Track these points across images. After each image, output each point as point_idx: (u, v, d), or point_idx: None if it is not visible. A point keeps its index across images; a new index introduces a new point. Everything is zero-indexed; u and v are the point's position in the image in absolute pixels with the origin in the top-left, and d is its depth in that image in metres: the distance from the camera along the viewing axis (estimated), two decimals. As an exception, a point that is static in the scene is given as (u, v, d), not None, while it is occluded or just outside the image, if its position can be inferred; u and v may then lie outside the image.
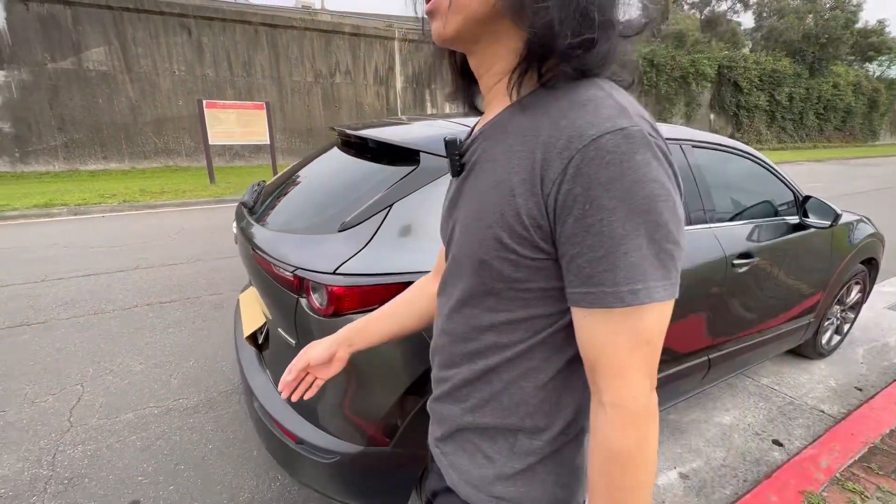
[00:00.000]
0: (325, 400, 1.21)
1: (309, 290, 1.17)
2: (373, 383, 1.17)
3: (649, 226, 0.43)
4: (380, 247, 1.18)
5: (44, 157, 10.86)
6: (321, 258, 1.17)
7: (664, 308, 0.47)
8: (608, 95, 0.47)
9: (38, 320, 3.02)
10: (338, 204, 1.35)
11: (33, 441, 1.95)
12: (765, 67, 21.80)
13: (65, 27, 10.64)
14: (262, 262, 1.31)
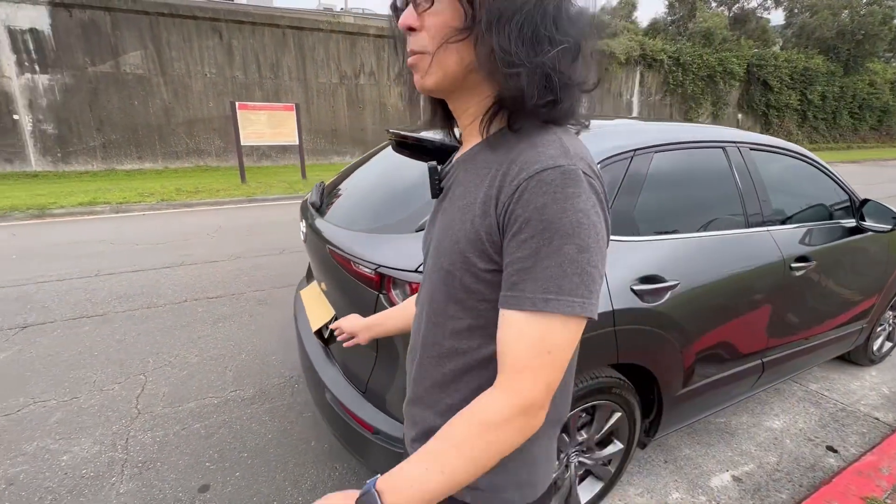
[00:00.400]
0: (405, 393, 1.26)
1: (390, 286, 1.22)
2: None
3: (571, 247, 0.51)
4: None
5: (83, 157, 11.32)
6: (402, 257, 1.22)
7: (572, 324, 0.52)
8: (558, 139, 0.56)
9: (97, 313, 3.18)
10: (409, 205, 1.40)
11: (106, 426, 2.07)
12: (796, 65, 21.16)
13: (104, 32, 11.08)
14: (340, 259, 1.37)
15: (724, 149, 1.74)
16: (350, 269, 1.32)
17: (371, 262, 1.24)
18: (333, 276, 1.51)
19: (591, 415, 1.51)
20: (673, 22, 20.88)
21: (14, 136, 10.55)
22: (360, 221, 1.49)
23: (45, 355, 2.63)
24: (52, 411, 2.16)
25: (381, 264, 1.21)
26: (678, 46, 19.06)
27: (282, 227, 5.74)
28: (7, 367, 2.50)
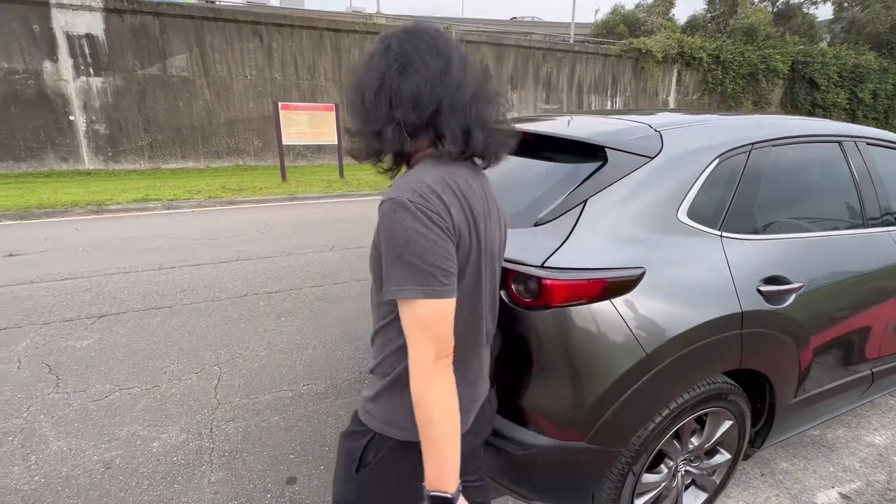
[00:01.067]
0: (521, 391, 1.23)
1: (510, 280, 1.19)
2: (575, 375, 1.17)
3: (405, 254, 0.70)
4: (580, 242, 1.18)
5: (132, 156, 11.81)
6: (524, 251, 1.18)
7: (431, 304, 0.70)
8: (418, 174, 0.77)
9: (165, 304, 3.28)
10: (522, 199, 1.36)
11: (189, 415, 2.11)
12: (845, 62, 20.14)
13: (153, 36, 11.53)
14: None
15: (841, 143, 1.64)
16: None
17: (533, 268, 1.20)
18: None
19: (702, 423, 1.44)
20: (713, 18, 20.20)
21: (70, 136, 11.11)
22: None
23: (123, 344, 2.72)
24: (137, 399, 2.22)
25: (505, 258, 1.18)
26: (718, 44, 18.41)
27: (326, 225, 5.82)
28: (91, 354, 2.60)
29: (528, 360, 1.20)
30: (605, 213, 1.22)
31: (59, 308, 3.20)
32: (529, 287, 1.16)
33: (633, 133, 1.38)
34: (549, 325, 1.15)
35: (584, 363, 1.16)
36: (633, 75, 17.96)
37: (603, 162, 1.30)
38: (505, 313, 1.21)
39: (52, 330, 2.88)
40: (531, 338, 1.18)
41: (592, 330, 1.14)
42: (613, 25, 19.26)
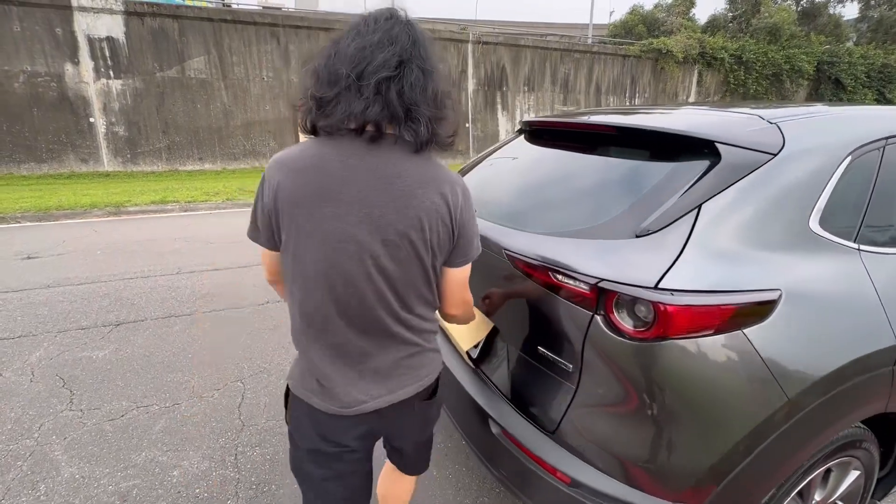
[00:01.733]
0: (619, 438, 1.01)
1: (611, 305, 0.97)
2: (699, 424, 0.95)
3: None
4: (697, 258, 0.96)
5: (150, 158, 11.85)
6: (627, 268, 0.97)
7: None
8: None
9: (184, 312, 3.12)
10: (610, 204, 1.15)
11: (212, 438, 1.93)
12: (873, 62, 19.51)
13: (172, 38, 11.57)
14: (527, 267, 1.14)
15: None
16: (547, 281, 1.08)
17: (589, 273, 0.99)
18: (503, 286, 1.27)
19: (827, 474, 1.20)
20: (734, 18, 19.73)
21: (90, 138, 11.17)
22: (539, 223, 1.25)
23: (140, 355, 2.56)
24: (156, 418, 2.05)
25: (604, 277, 0.96)
26: (741, 44, 17.95)
27: (347, 229, 5.65)
28: (107, 366, 2.44)
29: (632, 403, 0.98)
30: (723, 221, 1.00)
31: (76, 315, 3.06)
32: (639, 313, 0.94)
33: (745, 125, 1.15)
34: (666, 362, 0.93)
35: (712, 409, 0.93)
36: (652, 76, 17.59)
37: (713, 160, 1.08)
38: (600, 345, 1.00)
39: (67, 339, 2.74)
40: (638, 376, 0.96)
41: (722, 367, 0.92)
42: (632, 26, 18.92)
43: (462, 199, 0.85)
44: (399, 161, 0.80)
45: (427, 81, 0.79)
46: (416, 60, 0.78)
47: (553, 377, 1.13)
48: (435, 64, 0.81)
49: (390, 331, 0.87)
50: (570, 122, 1.49)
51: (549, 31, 24.34)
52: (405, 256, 0.82)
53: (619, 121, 1.35)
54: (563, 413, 1.09)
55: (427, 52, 0.80)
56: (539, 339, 1.16)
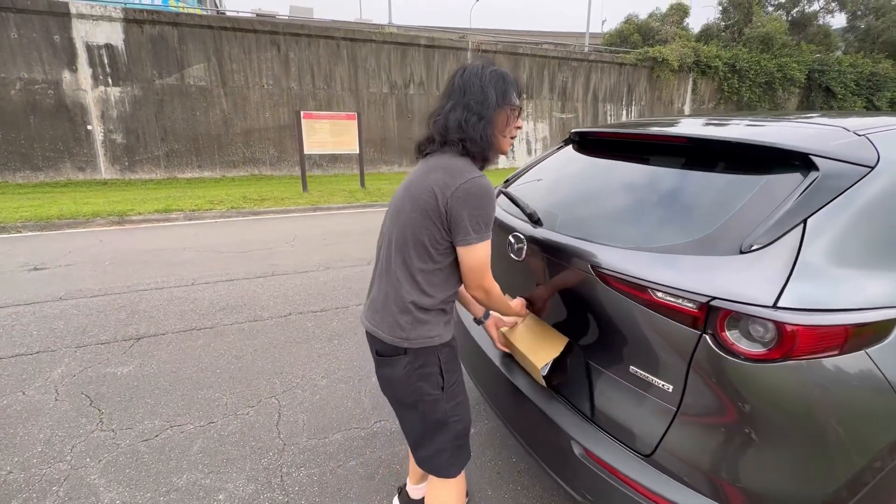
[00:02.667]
0: (735, 463, 0.96)
1: (723, 326, 0.94)
2: (822, 449, 0.91)
3: None
4: (810, 274, 0.93)
5: (148, 166, 11.71)
6: (737, 285, 0.93)
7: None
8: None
9: (206, 325, 3.04)
10: (700, 218, 1.12)
11: (254, 459, 1.86)
12: (862, 71, 19.92)
13: (171, 46, 11.49)
14: (623, 286, 1.10)
15: None
16: (647, 299, 1.04)
17: (698, 292, 0.95)
18: (587, 303, 1.23)
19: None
20: (727, 27, 20.08)
21: (87, 146, 11.02)
22: (623, 238, 1.21)
23: (167, 371, 2.48)
24: (192, 438, 1.97)
25: (717, 296, 0.93)
26: (734, 52, 18.27)
27: (358, 237, 5.59)
28: (133, 383, 2.36)
29: (747, 426, 0.94)
30: (831, 236, 0.97)
31: (93, 329, 2.96)
32: (755, 333, 0.90)
33: (833, 138, 1.13)
34: (787, 383, 0.89)
35: (836, 432, 0.90)
36: (648, 84, 17.81)
37: (808, 173, 1.06)
38: (709, 366, 0.96)
39: (87, 354, 2.65)
40: (755, 398, 0.92)
41: (846, 389, 0.89)
42: (628, 34, 19.17)
43: (458, 193, 1.06)
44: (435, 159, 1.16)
45: (457, 114, 1.11)
46: (451, 103, 1.14)
47: (648, 398, 1.09)
48: (469, 101, 1.11)
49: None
50: (635, 133, 1.47)
51: (544, 39, 24.58)
52: (420, 215, 1.10)
53: (694, 132, 1.32)
54: (662, 435, 1.05)
55: (466, 94, 1.11)
56: (632, 358, 1.12)
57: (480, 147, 1.12)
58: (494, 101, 1.11)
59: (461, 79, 1.14)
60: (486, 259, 1.12)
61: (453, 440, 1.25)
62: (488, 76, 1.12)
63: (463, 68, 1.16)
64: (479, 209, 1.07)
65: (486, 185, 1.08)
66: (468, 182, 1.06)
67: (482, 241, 1.09)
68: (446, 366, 1.20)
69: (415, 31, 17.09)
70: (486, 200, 1.08)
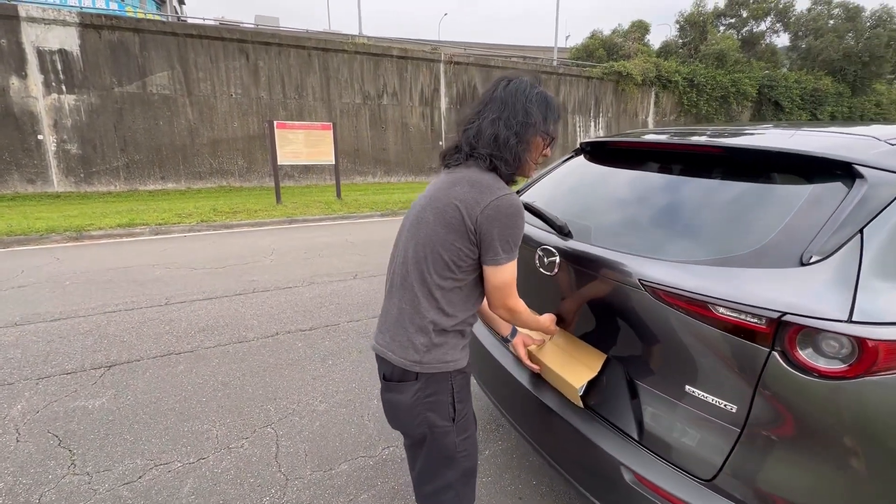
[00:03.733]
0: (813, 487, 0.92)
1: (793, 341, 0.89)
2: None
3: None
4: (875, 286, 0.90)
5: (106, 178, 11.05)
6: (812, 300, 0.89)
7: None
8: None
9: (185, 349, 2.82)
10: (751, 229, 1.09)
11: (254, 498, 1.69)
12: (806, 86, 21.41)
13: (132, 53, 10.97)
14: (679, 301, 1.05)
15: None
16: (707, 315, 0.99)
17: (767, 307, 0.91)
18: (631, 319, 1.18)
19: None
20: (684, 44, 21.16)
21: (38, 157, 10.29)
22: (667, 250, 1.16)
23: (146, 402, 2.26)
24: (182, 478, 1.78)
25: (787, 311, 0.89)
26: (692, 68, 19.24)
27: (339, 250, 5.42)
28: (108, 418, 2.13)
29: (824, 446, 0.90)
30: (887, 245, 0.95)
31: (57, 357, 2.69)
32: (830, 350, 0.87)
33: (870, 147, 1.13)
34: (867, 400, 0.86)
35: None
36: (614, 97, 18.46)
37: (853, 182, 1.04)
38: (779, 384, 0.92)
39: (52, 386, 2.38)
40: (832, 417, 0.88)
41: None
42: (593, 49, 19.88)
43: (488, 210, 1.01)
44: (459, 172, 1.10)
45: (494, 128, 1.05)
46: (489, 113, 1.07)
47: (708, 419, 1.04)
48: (508, 118, 1.05)
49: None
50: (667, 142, 1.44)
51: (512, 52, 25.14)
52: (444, 229, 1.04)
53: (728, 142, 1.30)
54: (725, 459, 1.00)
55: (506, 109, 1.05)
56: (687, 377, 1.07)
57: (511, 167, 1.07)
58: (535, 123, 1.06)
59: (504, 91, 1.07)
60: (512, 278, 1.07)
61: (461, 477, 1.17)
62: (535, 97, 1.06)
63: (507, 80, 1.09)
64: (510, 228, 1.02)
65: (517, 203, 1.03)
66: (499, 199, 1.01)
67: (511, 261, 1.05)
68: (459, 395, 1.12)
69: (386, 42, 17.09)
70: (517, 219, 1.03)
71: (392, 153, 14.66)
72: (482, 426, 2.11)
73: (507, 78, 1.10)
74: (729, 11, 22.15)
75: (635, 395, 1.20)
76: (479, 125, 1.07)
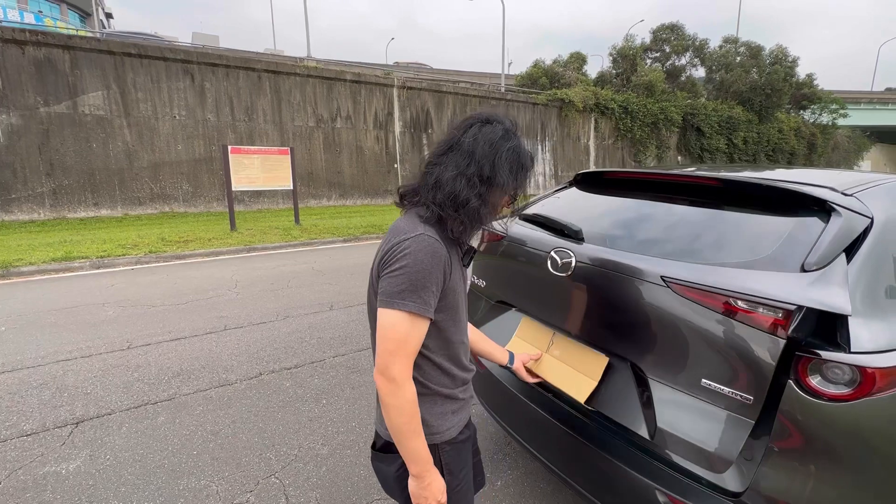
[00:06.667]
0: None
1: (804, 371, 1.05)
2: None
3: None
4: (863, 318, 1.09)
5: (28, 205, 10.01)
6: (819, 296, 1.05)
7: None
8: None
9: (162, 397, 2.62)
10: (758, 242, 1.26)
11: (272, 556, 1.61)
12: (721, 114, 23.92)
13: (61, 71, 10.18)
14: (695, 293, 1.17)
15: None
16: (729, 308, 1.11)
17: (783, 300, 1.04)
18: (643, 318, 1.29)
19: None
20: (617, 75, 22.99)
21: (-56, 183, 9.15)
22: (683, 254, 1.31)
23: (128, 461, 2.08)
24: (188, 542, 1.66)
25: (800, 304, 1.02)
26: (625, 96, 20.92)
27: (308, 279, 5.28)
28: (89, 482, 1.93)
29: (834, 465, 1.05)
30: (864, 284, 1.15)
31: (11, 416, 2.40)
32: (833, 376, 1.03)
33: (832, 193, 1.36)
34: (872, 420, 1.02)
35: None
36: (558, 122, 19.60)
37: (831, 219, 1.25)
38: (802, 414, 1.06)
39: (12, 452, 2.13)
40: (850, 435, 1.04)
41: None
42: (537, 77, 21.05)
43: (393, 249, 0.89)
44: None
45: (455, 186, 0.90)
46: (451, 164, 0.92)
47: (723, 411, 1.14)
48: (471, 174, 0.90)
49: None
50: (668, 174, 1.63)
51: (459, 78, 26.04)
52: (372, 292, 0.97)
53: (723, 176, 1.50)
54: (740, 449, 1.12)
55: (472, 161, 0.90)
56: (703, 370, 1.16)
57: (467, 228, 0.92)
58: (503, 185, 0.91)
59: (473, 141, 0.91)
60: (398, 335, 0.86)
61: None
62: (506, 152, 0.90)
63: (479, 123, 0.93)
64: (407, 267, 0.85)
65: (429, 243, 0.87)
66: (410, 239, 0.87)
67: (398, 310, 0.85)
68: (450, 466, 1.00)
69: (335, 64, 17.10)
70: (421, 258, 0.85)
71: (347, 176, 14.53)
72: (489, 456, 2.15)
73: (479, 120, 0.94)
74: (654, 46, 24.42)
75: (645, 394, 1.29)
76: (438, 175, 0.91)
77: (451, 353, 1.00)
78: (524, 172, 0.94)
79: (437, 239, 0.89)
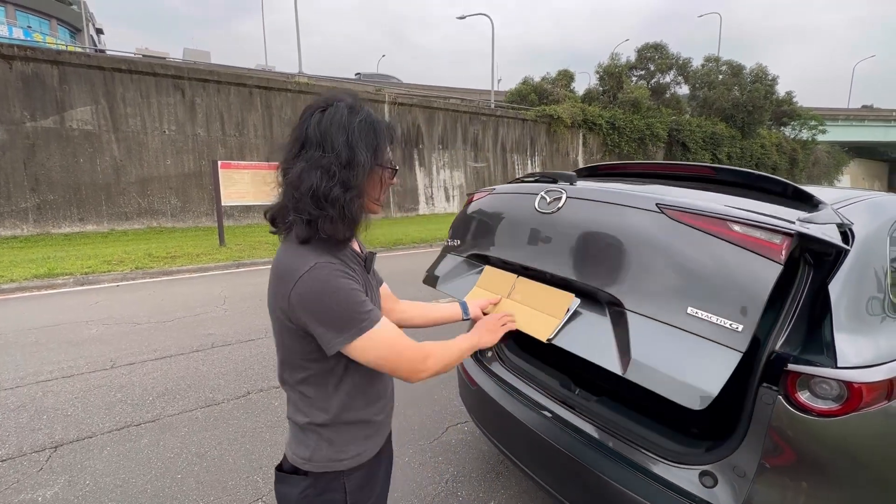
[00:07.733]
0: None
1: (793, 387, 1.06)
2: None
3: None
4: (846, 334, 1.10)
5: (10, 220, 9.82)
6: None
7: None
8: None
9: (146, 419, 2.55)
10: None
11: (258, 585, 1.56)
12: (706, 130, 24.54)
13: (49, 86, 10.12)
14: (695, 220, 1.16)
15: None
16: (725, 232, 1.08)
17: (780, 224, 1.02)
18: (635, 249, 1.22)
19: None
20: (604, 92, 23.51)
21: (-76, 198, 8.96)
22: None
23: (110, 486, 2.01)
24: (170, 572, 1.60)
25: (799, 231, 1.01)
26: (612, 112, 21.38)
27: (299, 295, 5.22)
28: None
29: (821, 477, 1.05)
30: (847, 299, 1.17)
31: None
32: (821, 392, 1.04)
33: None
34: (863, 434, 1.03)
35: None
36: (547, 138, 19.91)
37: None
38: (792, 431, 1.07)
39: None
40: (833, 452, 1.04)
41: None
42: (526, 94, 21.44)
43: (291, 299, 0.82)
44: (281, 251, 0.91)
45: (310, 180, 0.80)
46: (302, 160, 0.83)
47: (709, 341, 1.03)
48: (329, 164, 0.81)
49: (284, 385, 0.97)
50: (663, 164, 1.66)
51: (451, 94, 26.41)
52: (279, 328, 0.92)
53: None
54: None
55: (325, 150, 0.82)
56: (690, 299, 1.08)
57: (342, 224, 0.84)
58: (365, 162, 0.83)
59: (319, 128, 0.82)
60: (383, 349, 0.86)
61: None
62: (357, 126, 0.83)
63: (320, 108, 0.84)
64: (324, 309, 0.82)
65: (319, 276, 0.82)
66: (297, 285, 0.81)
67: (359, 337, 0.84)
68: (355, 494, 0.94)
69: (326, 80, 17.25)
70: (327, 292, 0.82)
71: (338, 190, 14.51)
72: (481, 476, 2.12)
73: (319, 106, 0.85)
74: (639, 64, 25.08)
75: (620, 328, 1.19)
76: (291, 178, 0.83)
77: (363, 369, 0.91)
78: (383, 136, 0.87)
79: (328, 260, 0.83)
